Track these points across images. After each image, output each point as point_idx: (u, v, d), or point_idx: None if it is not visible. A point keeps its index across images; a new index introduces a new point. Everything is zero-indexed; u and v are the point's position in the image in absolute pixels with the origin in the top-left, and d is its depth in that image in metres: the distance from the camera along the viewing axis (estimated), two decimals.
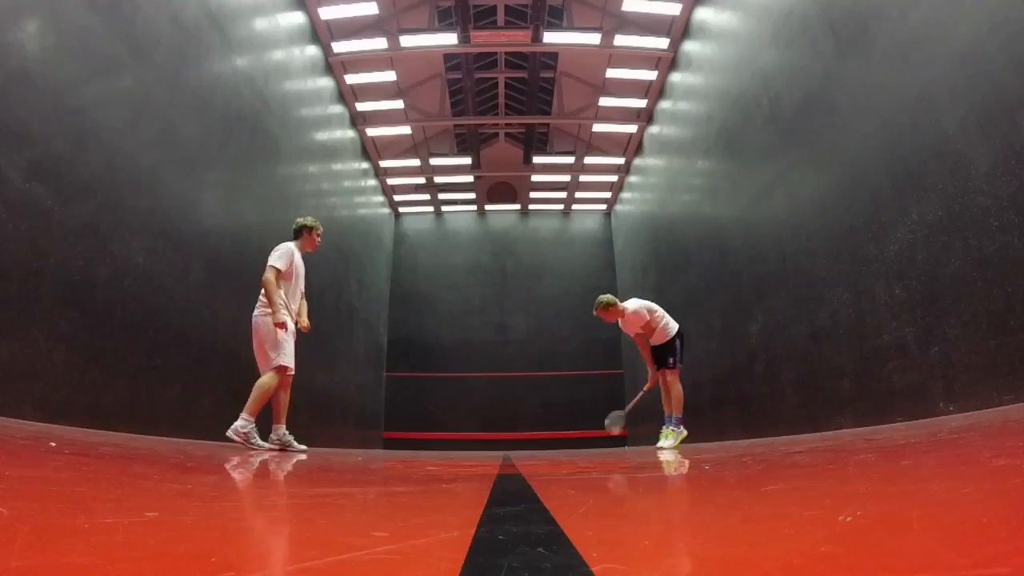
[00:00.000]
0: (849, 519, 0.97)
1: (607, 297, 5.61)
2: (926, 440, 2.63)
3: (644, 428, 13.65)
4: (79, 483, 1.63)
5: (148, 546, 0.86)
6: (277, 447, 4.45)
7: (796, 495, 1.56)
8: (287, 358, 4.41)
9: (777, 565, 0.74)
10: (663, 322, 5.55)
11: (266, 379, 4.32)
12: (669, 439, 5.31)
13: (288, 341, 4.44)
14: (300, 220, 4.84)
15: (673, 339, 5.54)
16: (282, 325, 4.35)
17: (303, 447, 4.68)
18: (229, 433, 4.18)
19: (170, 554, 0.81)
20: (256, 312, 4.45)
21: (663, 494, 1.95)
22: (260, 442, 4.27)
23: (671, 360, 5.52)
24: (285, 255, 4.50)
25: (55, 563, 0.71)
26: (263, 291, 4.43)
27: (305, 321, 4.75)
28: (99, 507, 1.21)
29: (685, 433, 5.36)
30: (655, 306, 5.60)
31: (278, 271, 4.43)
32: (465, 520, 1.20)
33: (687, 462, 3.37)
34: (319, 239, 4.85)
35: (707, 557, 0.84)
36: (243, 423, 4.19)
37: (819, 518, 1.07)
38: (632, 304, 5.60)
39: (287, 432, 4.56)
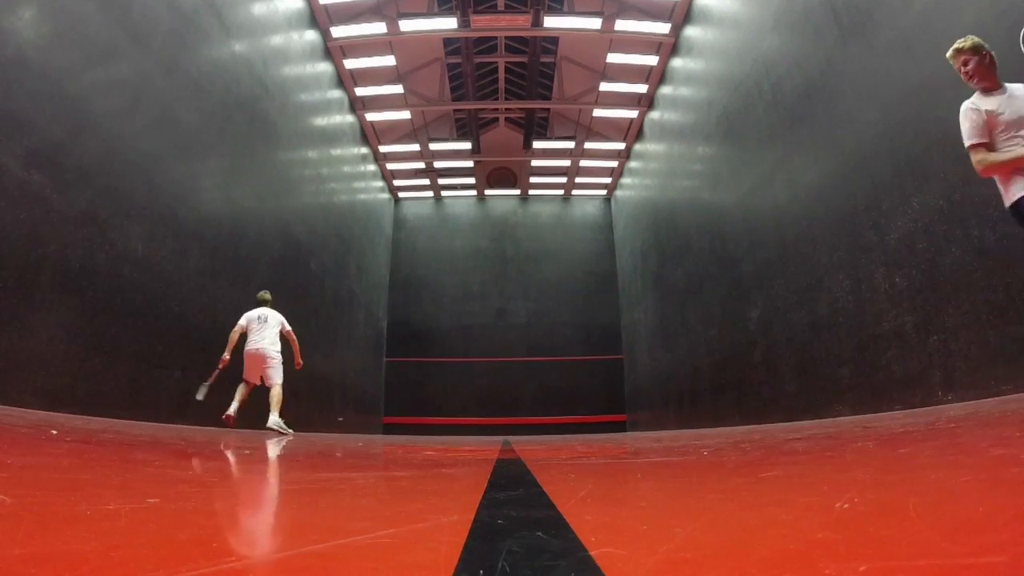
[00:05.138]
0: (846, 506, 0.97)
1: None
2: (924, 429, 2.64)
3: (643, 415, 13.75)
4: (81, 470, 1.64)
5: (150, 532, 0.86)
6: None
7: (794, 482, 1.57)
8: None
9: (774, 551, 0.75)
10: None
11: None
12: None
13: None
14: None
15: None
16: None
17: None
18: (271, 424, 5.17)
19: (172, 540, 0.82)
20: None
21: (661, 479, 1.96)
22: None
23: None
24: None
25: (58, 550, 0.71)
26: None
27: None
28: (101, 494, 1.22)
29: None
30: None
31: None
32: (465, 504, 1.21)
33: (685, 448, 3.39)
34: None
35: (705, 542, 0.84)
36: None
37: (816, 505, 1.07)
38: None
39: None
